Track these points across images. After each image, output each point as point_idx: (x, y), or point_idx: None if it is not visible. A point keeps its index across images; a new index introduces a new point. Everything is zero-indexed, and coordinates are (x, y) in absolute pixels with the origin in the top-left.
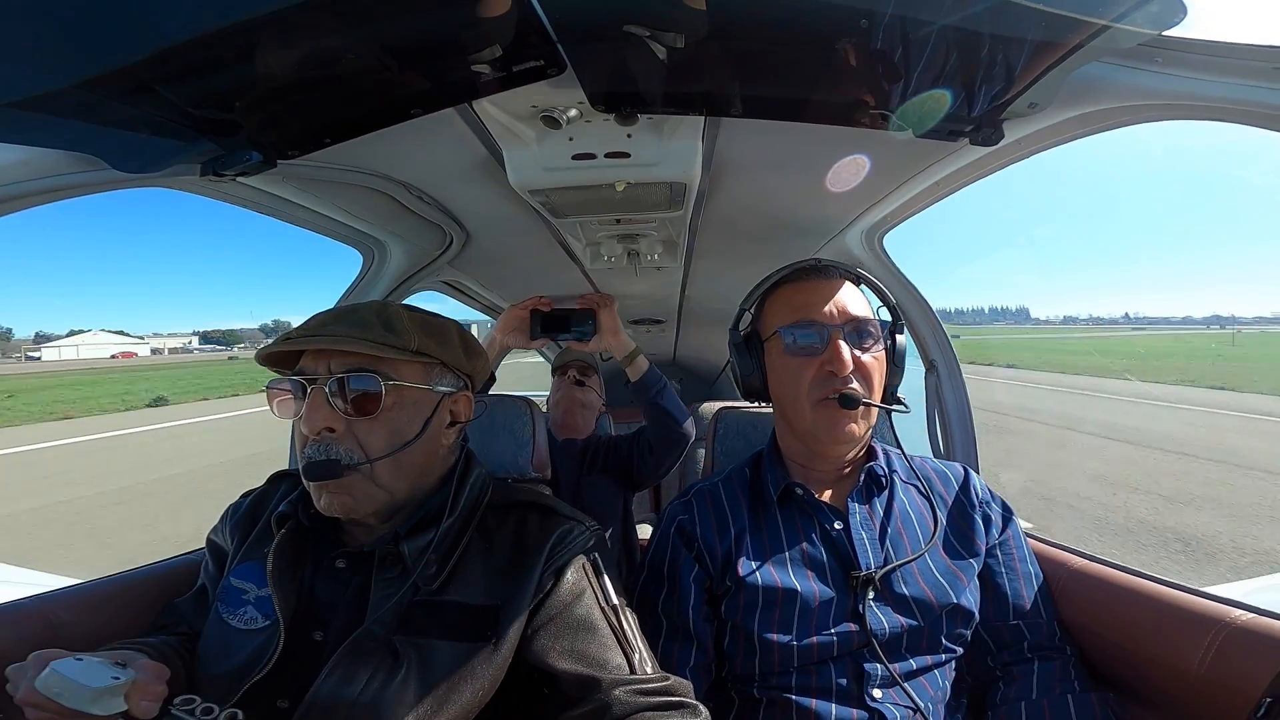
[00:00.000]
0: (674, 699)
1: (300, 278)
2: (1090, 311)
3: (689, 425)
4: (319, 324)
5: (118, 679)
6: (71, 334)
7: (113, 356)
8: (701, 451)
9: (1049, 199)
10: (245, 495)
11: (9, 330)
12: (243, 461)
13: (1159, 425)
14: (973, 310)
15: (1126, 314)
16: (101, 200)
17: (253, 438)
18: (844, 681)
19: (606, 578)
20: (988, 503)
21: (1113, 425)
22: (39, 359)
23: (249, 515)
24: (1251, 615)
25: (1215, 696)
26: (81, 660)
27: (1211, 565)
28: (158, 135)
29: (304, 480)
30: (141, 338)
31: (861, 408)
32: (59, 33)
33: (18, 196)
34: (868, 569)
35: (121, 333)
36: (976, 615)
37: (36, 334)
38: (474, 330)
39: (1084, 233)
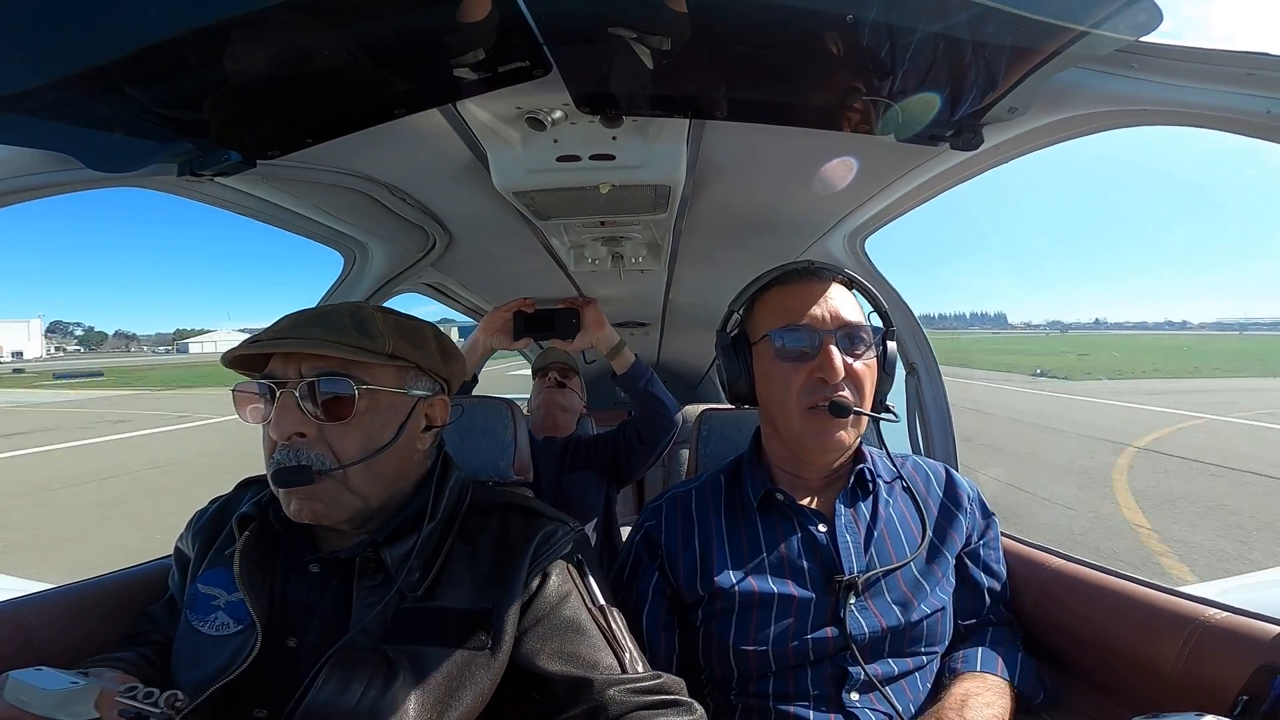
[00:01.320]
0: (668, 697)
1: (280, 279)
2: (1061, 317)
3: (676, 411)
4: (289, 325)
5: (76, 684)
6: (179, 333)
7: None
8: (685, 454)
9: (1026, 204)
10: (212, 502)
11: (91, 327)
12: None
13: None
14: (955, 315)
15: (1096, 319)
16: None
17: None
18: (821, 686)
19: (592, 578)
20: (972, 500)
21: None
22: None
23: (213, 521)
24: (1225, 614)
25: (1190, 694)
26: (41, 670)
27: None
28: (133, 135)
29: (272, 486)
30: None
31: (852, 416)
32: (30, 31)
33: None
34: (851, 573)
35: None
36: (952, 614)
37: (117, 331)
38: (453, 334)
39: (1059, 240)
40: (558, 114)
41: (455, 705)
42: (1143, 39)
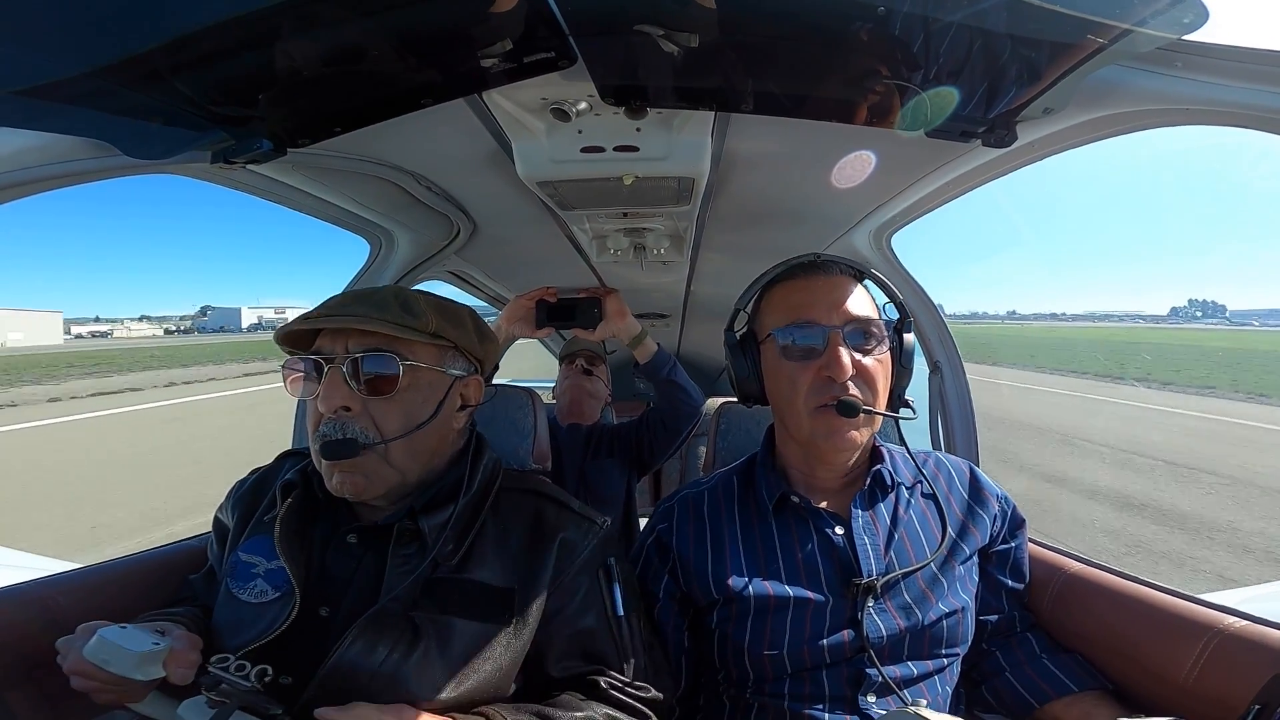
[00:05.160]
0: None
1: (304, 265)
2: (984, 308)
3: (700, 398)
4: (338, 304)
5: (158, 645)
6: None
7: None
8: (703, 447)
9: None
10: (252, 472)
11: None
12: None
13: None
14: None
15: (1013, 311)
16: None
17: None
18: (838, 688)
19: (616, 581)
20: (1001, 499)
21: None
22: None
23: (253, 491)
24: (1244, 622)
25: (1206, 702)
26: (125, 628)
27: None
28: (170, 123)
29: (317, 460)
30: None
31: (862, 415)
32: (72, 20)
33: (33, 181)
34: (869, 576)
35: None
36: (974, 613)
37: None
38: None
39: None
40: (582, 105)
41: (473, 676)
42: (1185, 37)
